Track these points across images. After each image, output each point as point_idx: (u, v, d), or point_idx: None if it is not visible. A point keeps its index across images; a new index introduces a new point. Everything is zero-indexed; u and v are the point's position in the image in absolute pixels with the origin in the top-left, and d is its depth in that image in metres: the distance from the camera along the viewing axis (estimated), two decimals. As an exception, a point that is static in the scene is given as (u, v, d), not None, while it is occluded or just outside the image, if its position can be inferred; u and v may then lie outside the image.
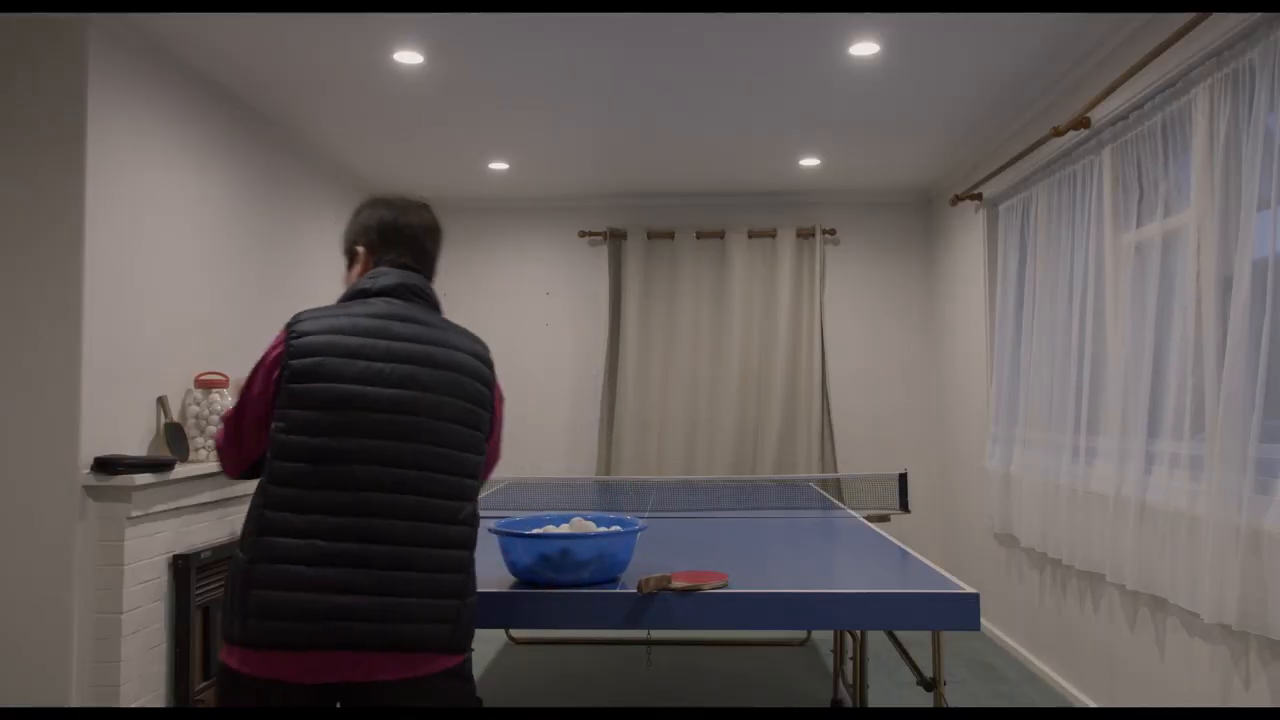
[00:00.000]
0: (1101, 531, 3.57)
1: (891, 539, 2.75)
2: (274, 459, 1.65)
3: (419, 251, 1.92)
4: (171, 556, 3.55)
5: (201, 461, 3.75)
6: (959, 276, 5.59)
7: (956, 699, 4.04)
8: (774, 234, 6.16)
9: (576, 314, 6.36)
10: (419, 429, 1.69)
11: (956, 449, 5.69)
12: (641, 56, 3.77)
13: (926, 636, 4.97)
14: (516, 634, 5.05)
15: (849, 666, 4.22)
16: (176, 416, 3.75)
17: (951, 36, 3.57)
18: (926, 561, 2.33)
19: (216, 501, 3.84)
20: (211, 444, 3.83)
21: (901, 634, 4.93)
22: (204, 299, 4.02)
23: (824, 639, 4.98)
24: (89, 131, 3.26)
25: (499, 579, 2.13)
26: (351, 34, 3.53)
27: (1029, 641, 4.52)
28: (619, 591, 1.97)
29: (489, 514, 3.45)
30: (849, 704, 3.91)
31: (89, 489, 3.22)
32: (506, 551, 2.07)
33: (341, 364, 1.68)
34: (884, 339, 6.24)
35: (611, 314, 6.21)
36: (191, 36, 3.56)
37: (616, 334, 6.22)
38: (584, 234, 6.27)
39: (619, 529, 2.07)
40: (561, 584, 2.01)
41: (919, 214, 6.25)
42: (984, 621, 5.20)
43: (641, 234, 6.20)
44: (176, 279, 3.81)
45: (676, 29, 3.50)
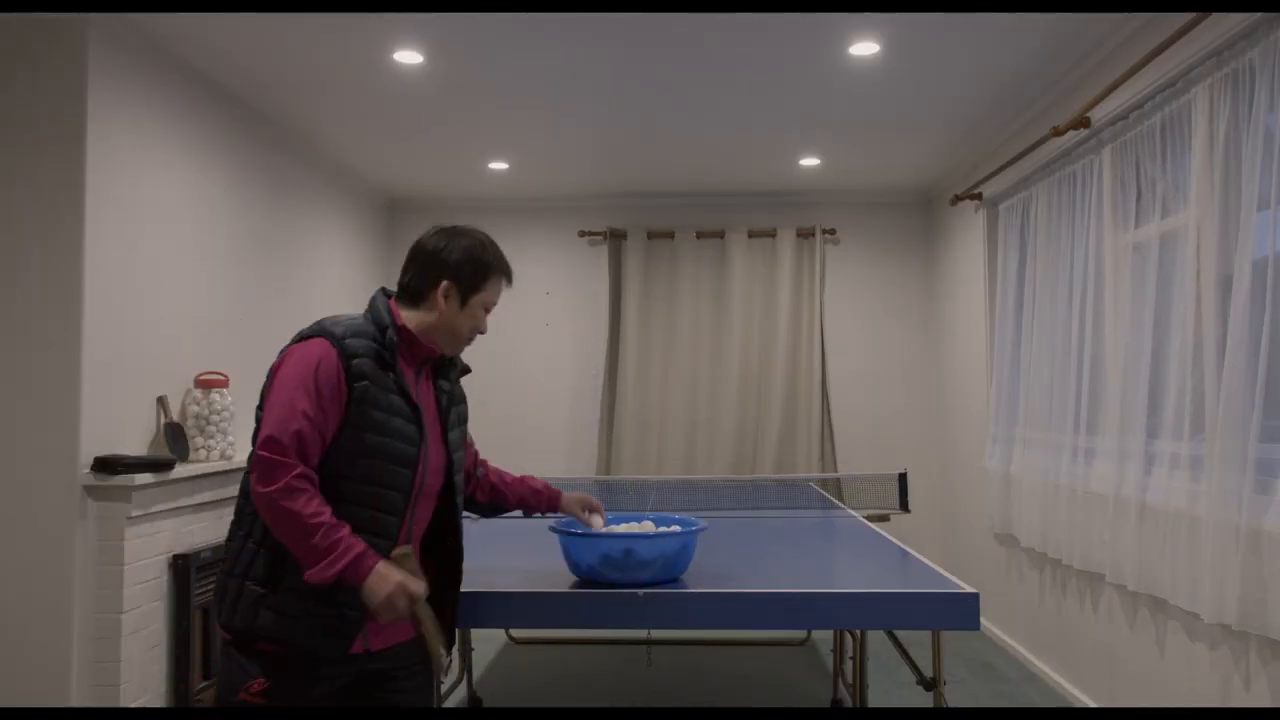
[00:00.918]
0: (1101, 531, 3.57)
1: (891, 539, 2.75)
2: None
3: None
4: (171, 556, 3.55)
5: (201, 461, 3.75)
6: (959, 276, 5.59)
7: (956, 699, 4.04)
8: (774, 234, 6.16)
9: (576, 314, 6.36)
10: None
11: (956, 449, 5.69)
12: (641, 56, 3.77)
13: (926, 636, 4.97)
14: (516, 634, 5.05)
15: (849, 666, 4.22)
16: (176, 416, 3.75)
17: (951, 36, 3.57)
18: (926, 561, 2.33)
19: (216, 501, 3.84)
20: (212, 444, 3.83)
21: (901, 634, 4.93)
22: (204, 299, 4.02)
23: (824, 639, 4.98)
24: (89, 131, 3.26)
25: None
26: (351, 34, 3.53)
27: (1029, 641, 4.52)
28: (619, 591, 1.97)
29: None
30: (849, 704, 3.91)
31: (89, 489, 3.22)
32: (568, 551, 2.07)
33: None
34: (884, 339, 6.24)
35: (611, 314, 6.20)
36: (191, 36, 3.56)
37: (616, 334, 6.22)
38: (584, 234, 6.27)
39: (678, 529, 2.07)
40: (623, 584, 2.01)
41: (919, 214, 6.25)
42: (984, 621, 5.20)
43: (641, 234, 6.20)
44: (176, 279, 3.81)
45: (676, 29, 3.50)
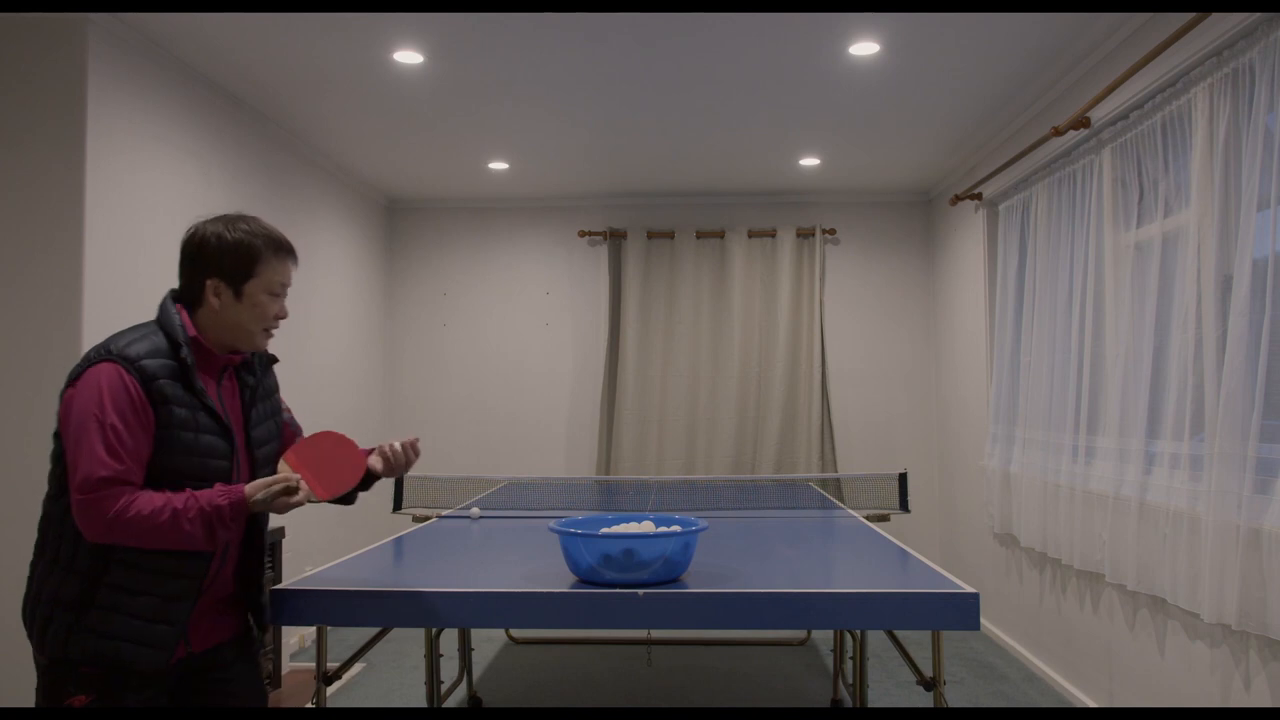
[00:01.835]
0: (1101, 531, 3.57)
1: (891, 539, 2.75)
2: None
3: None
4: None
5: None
6: (959, 276, 5.59)
7: (956, 699, 4.04)
8: (774, 234, 6.16)
9: (576, 314, 6.36)
10: None
11: (956, 449, 5.69)
12: (641, 56, 3.77)
13: (926, 636, 4.97)
14: (516, 634, 5.05)
15: (849, 666, 4.22)
16: (176, 416, 3.74)
17: (951, 36, 3.57)
18: (926, 561, 2.33)
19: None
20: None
21: (901, 634, 4.93)
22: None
23: (824, 639, 4.98)
24: (89, 131, 3.26)
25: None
26: (351, 34, 3.53)
27: (1029, 641, 4.52)
28: (619, 591, 1.97)
29: (494, 514, 3.45)
30: (849, 704, 3.91)
31: (89, 489, 3.22)
32: (568, 551, 2.08)
33: None
34: (884, 339, 6.24)
35: (611, 314, 6.21)
36: (191, 36, 3.56)
37: (616, 334, 6.22)
38: (584, 234, 6.27)
39: (678, 529, 2.08)
40: (623, 584, 2.01)
41: (919, 214, 6.25)
42: (984, 621, 5.20)
43: (641, 234, 6.20)
44: (176, 279, 3.81)
45: (677, 29, 3.50)
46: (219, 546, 1.73)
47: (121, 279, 3.44)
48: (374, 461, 2.01)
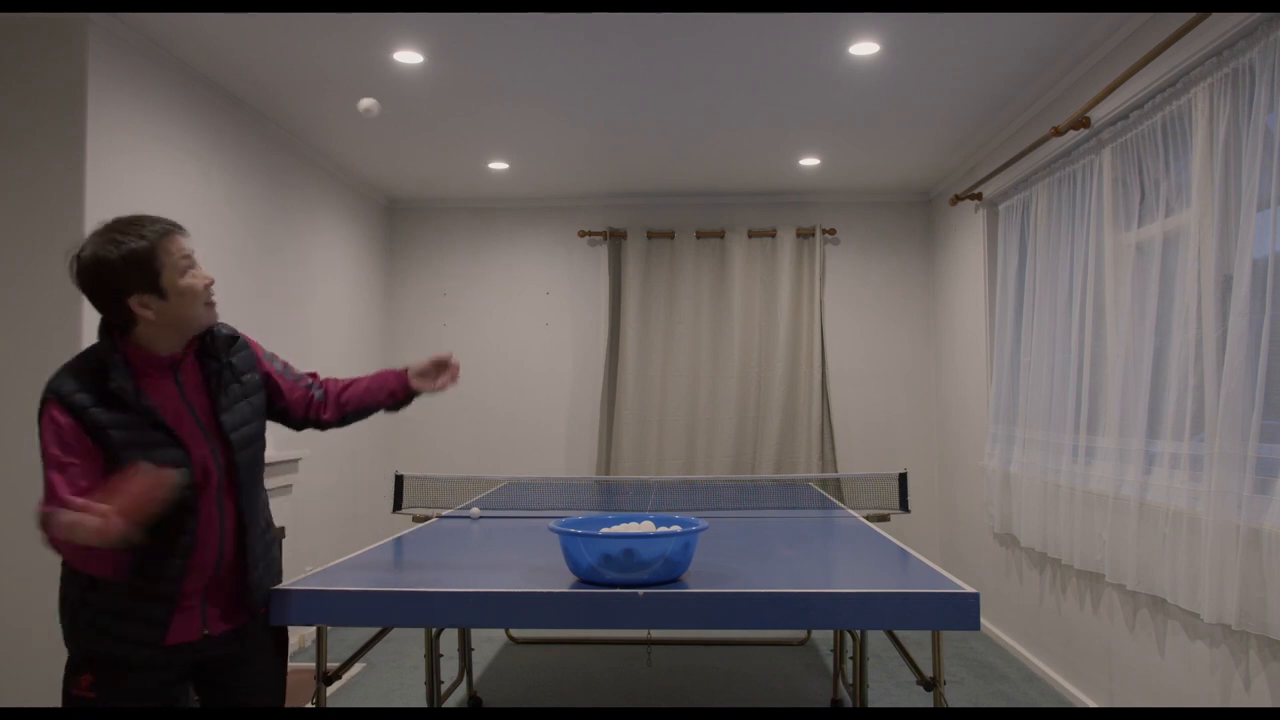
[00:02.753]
0: (1101, 531, 3.57)
1: (891, 539, 2.75)
2: None
3: None
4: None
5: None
6: (959, 276, 5.59)
7: (956, 699, 4.04)
8: (774, 234, 6.16)
9: (576, 314, 6.36)
10: None
11: (956, 449, 5.69)
12: (641, 56, 3.77)
13: (926, 636, 4.97)
14: (516, 634, 5.05)
15: (849, 666, 4.22)
16: (176, 416, 3.74)
17: (951, 36, 3.57)
18: (926, 561, 2.33)
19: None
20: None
21: (901, 634, 4.93)
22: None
23: (824, 639, 4.98)
24: (89, 131, 3.26)
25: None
26: (351, 34, 3.53)
27: (1029, 641, 4.52)
28: (619, 591, 1.97)
29: (494, 514, 3.45)
30: (849, 704, 3.91)
31: (89, 489, 3.22)
32: (568, 551, 2.08)
33: None
34: (884, 339, 6.24)
35: (611, 314, 6.21)
36: (191, 36, 3.56)
37: (616, 334, 6.22)
38: (584, 234, 6.27)
39: (678, 529, 2.08)
40: (623, 584, 2.02)
41: (919, 214, 6.25)
42: (984, 621, 5.20)
43: (641, 234, 6.20)
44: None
45: (677, 29, 3.50)
46: (214, 527, 1.88)
47: (121, 279, 3.44)
48: (416, 373, 2.18)
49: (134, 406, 1.78)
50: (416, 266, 6.42)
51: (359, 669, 4.50)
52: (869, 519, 3.39)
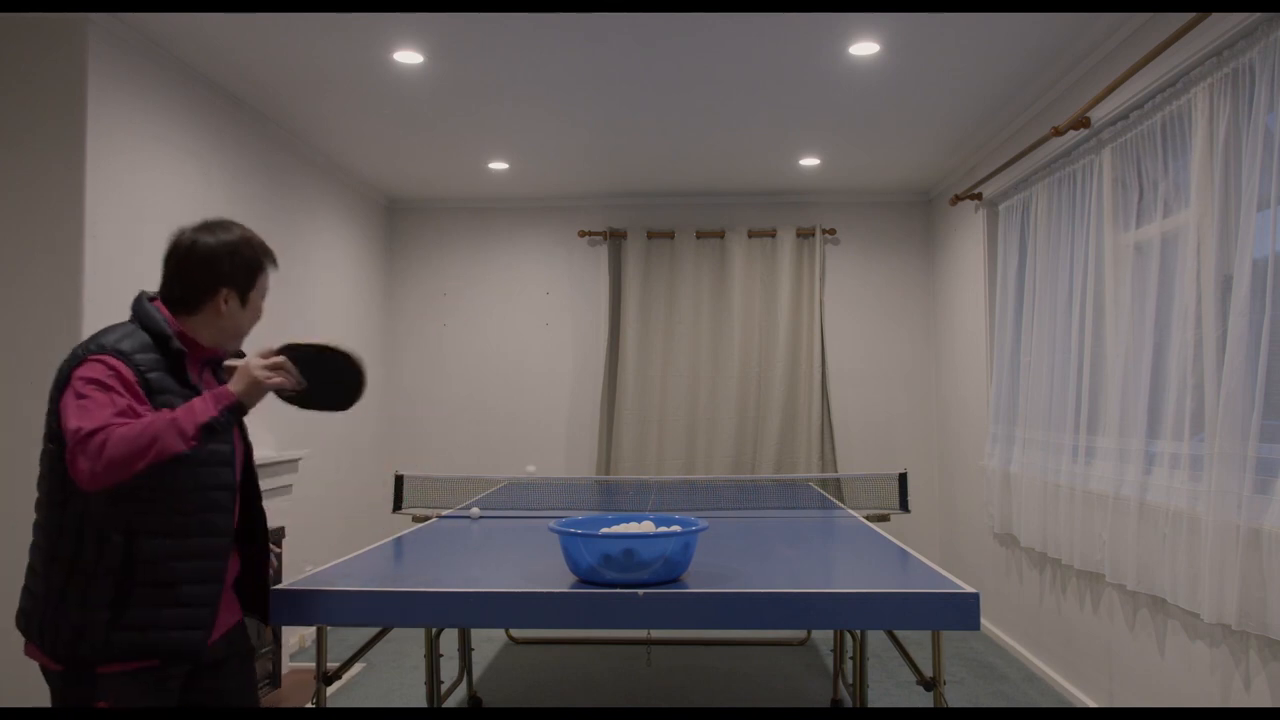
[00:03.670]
0: (1101, 531, 3.57)
1: (891, 539, 2.75)
2: None
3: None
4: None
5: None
6: (959, 276, 5.59)
7: (956, 699, 4.04)
8: (774, 234, 6.16)
9: (576, 314, 6.36)
10: None
11: (956, 448, 5.69)
12: (641, 56, 3.77)
13: (926, 636, 4.97)
14: (516, 634, 5.05)
15: (849, 666, 4.22)
16: (176, 416, 3.74)
17: (951, 36, 3.57)
18: (926, 561, 2.33)
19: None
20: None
21: (901, 634, 4.93)
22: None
23: (824, 639, 4.98)
24: (89, 131, 3.26)
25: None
26: (351, 34, 3.53)
27: (1029, 641, 4.52)
28: (619, 591, 1.97)
29: (494, 514, 3.45)
30: (849, 704, 3.91)
31: (89, 489, 3.22)
32: (568, 551, 2.08)
33: None
34: (884, 339, 6.24)
35: (611, 314, 6.21)
36: (191, 36, 3.56)
37: (616, 334, 6.22)
38: (584, 234, 6.27)
39: (678, 529, 2.08)
40: (623, 584, 2.02)
41: (919, 214, 6.25)
42: (984, 621, 5.20)
43: (641, 234, 6.20)
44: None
45: (677, 29, 3.50)
46: (199, 443, 1.69)
47: (121, 279, 3.44)
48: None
49: (185, 380, 1.82)
50: (416, 266, 6.42)
51: (359, 669, 4.50)
52: (869, 519, 3.39)
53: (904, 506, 3.77)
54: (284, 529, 4.32)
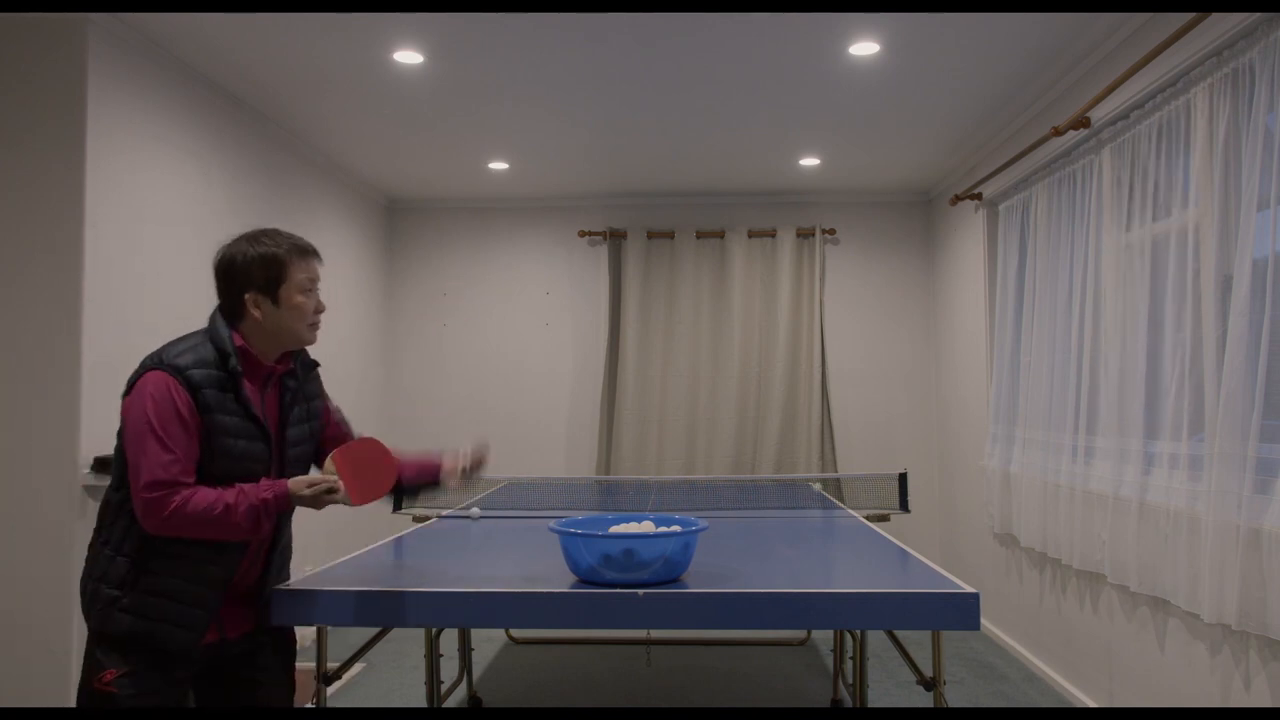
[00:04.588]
0: (1101, 531, 3.57)
1: (891, 539, 2.75)
2: None
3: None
4: (171, 556, 3.55)
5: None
6: (959, 276, 5.59)
7: (956, 699, 4.04)
8: (774, 234, 6.16)
9: (576, 314, 6.36)
10: None
11: (956, 448, 5.69)
12: (641, 56, 3.77)
13: (926, 636, 4.97)
14: (516, 634, 5.05)
15: (849, 666, 4.22)
16: (176, 416, 3.74)
17: (951, 36, 3.57)
18: (926, 561, 2.33)
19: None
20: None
21: (901, 634, 4.93)
22: (204, 298, 4.02)
23: (824, 639, 4.98)
24: (89, 132, 3.26)
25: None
26: (351, 34, 3.53)
27: (1029, 641, 4.52)
28: (619, 591, 1.97)
29: (494, 514, 3.45)
30: (849, 704, 3.91)
31: (89, 489, 3.22)
32: (568, 551, 2.08)
33: None
34: (884, 339, 6.24)
35: (611, 314, 6.20)
36: (191, 36, 3.56)
37: (616, 334, 6.22)
38: (584, 234, 6.27)
39: (678, 529, 2.08)
40: (623, 584, 2.02)
41: (919, 214, 6.25)
42: (984, 621, 5.20)
43: (641, 234, 6.20)
44: (176, 278, 3.81)
45: (677, 29, 3.50)
46: (261, 536, 1.90)
47: (121, 279, 3.44)
48: (446, 463, 2.22)
49: (240, 396, 1.90)
50: (416, 266, 6.42)
51: (359, 669, 4.50)
52: (869, 519, 3.39)
53: (904, 506, 3.77)
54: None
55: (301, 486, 1.88)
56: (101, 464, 3.20)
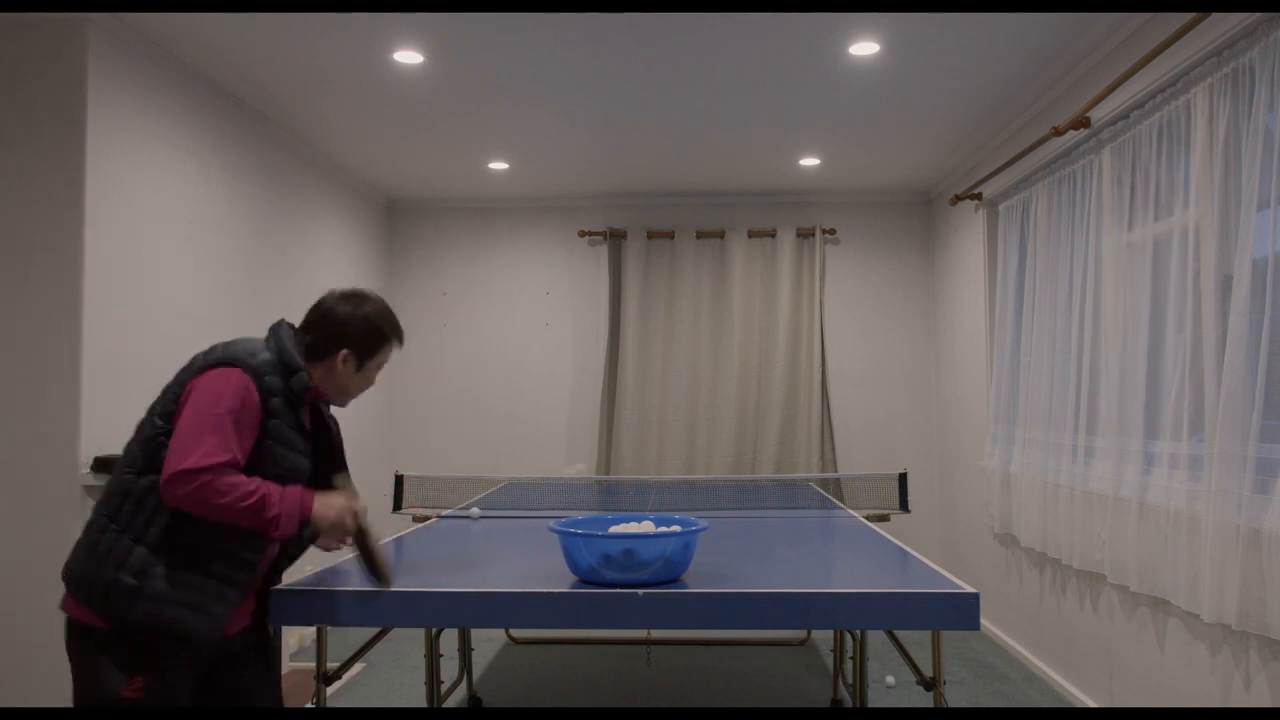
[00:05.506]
0: (1101, 531, 3.57)
1: (891, 539, 2.75)
2: None
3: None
4: (171, 556, 3.55)
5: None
6: (959, 276, 5.59)
7: (956, 699, 4.04)
8: (774, 234, 6.16)
9: (576, 314, 6.36)
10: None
11: (956, 448, 5.69)
12: (641, 56, 3.77)
13: (926, 636, 4.97)
14: (516, 634, 5.05)
15: (849, 666, 4.22)
16: (176, 416, 3.74)
17: (951, 36, 3.57)
18: (926, 561, 2.33)
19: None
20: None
21: (901, 634, 4.93)
22: (203, 298, 4.02)
23: (824, 639, 4.98)
24: (89, 132, 3.26)
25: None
26: (351, 34, 3.53)
27: (1029, 641, 4.52)
28: (619, 591, 1.97)
29: (494, 514, 3.45)
30: (849, 704, 3.91)
31: (89, 489, 3.22)
32: (568, 551, 2.08)
33: None
34: (884, 339, 6.24)
35: (611, 314, 6.20)
36: (191, 36, 3.56)
37: (616, 334, 6.22)
38: (584, 234, 6.27)
39: (679, 529, 2.08)
40: (623, 584, 2.02)
41: (919, 214, 6.25)
42: (984, 621, 5.20)
43: (641, 234, 6.20)
44: (176, 278, 3.82)
45: (677, 29, 3.50)
46: (286, 535, 1.94)
47: (121, 279, 3.44)
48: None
49: (297, 409, 2.01)
50: (416, 266, 6.42)
51: (359, 669, 4.50)
52: (869, 519, 3.39)
53: (904, 506, 3.77)
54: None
55: (328, 513, 2.00)
56: (101, 464, 3.20)
